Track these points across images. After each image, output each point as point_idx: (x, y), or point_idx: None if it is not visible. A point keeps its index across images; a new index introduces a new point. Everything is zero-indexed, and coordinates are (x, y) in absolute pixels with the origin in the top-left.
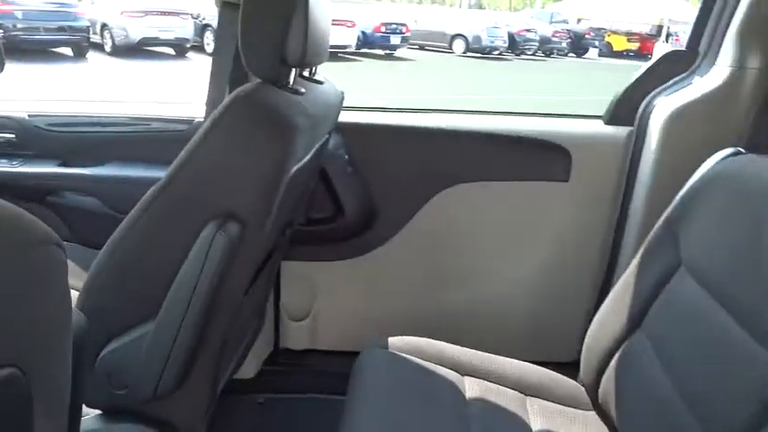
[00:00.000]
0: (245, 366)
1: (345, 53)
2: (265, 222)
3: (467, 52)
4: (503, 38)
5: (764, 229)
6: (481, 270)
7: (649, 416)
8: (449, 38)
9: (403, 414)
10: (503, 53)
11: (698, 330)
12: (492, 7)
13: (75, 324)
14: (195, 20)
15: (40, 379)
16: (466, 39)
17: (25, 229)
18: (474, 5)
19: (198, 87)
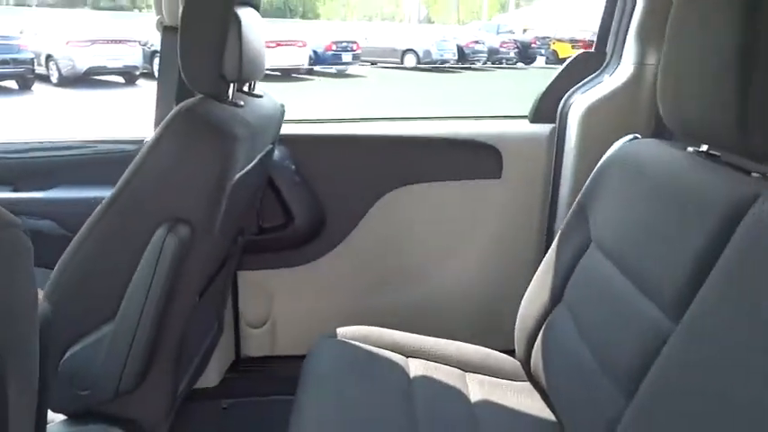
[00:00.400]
0: (207, 375)
1: (298, 73)
2: (213, 225)
3: (417, 66)
4: (452, 50)
5: (656, 203)
6: (427, 266)
7: (570, 378)
8: (399, 53)
9: (351, 393)
10: (453, 65)
11: (604, 296)
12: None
13: (41, 311)
14: (144, 47)
15: (13, 359)
16: (416, 53)
17: None
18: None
19: (147, 112)
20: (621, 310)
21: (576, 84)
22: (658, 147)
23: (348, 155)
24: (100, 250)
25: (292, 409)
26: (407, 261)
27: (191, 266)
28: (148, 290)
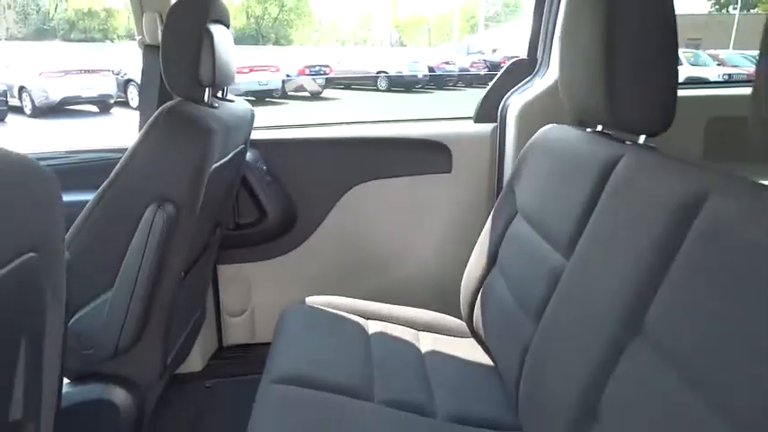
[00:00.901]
0: (192, 361)
1: (272, 97)
2: (195, 207)
3: (390, 88)
4: (423, 71)
5: (558, 172)
6: (388, 252)
7: (500, 324)
8: (372, 75)
9: (317, 343)
10: (425, 86)
11: (523, 251)
12: (413, 44)
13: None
14: (117, 76)
15: (49, 268)
16: (388, 75)
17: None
18: (395, 44)
19: (123, 135)
20: (533, 258)
21: (512, 87)
22: (566, 131)
23: (314, 156)
24: (100, 228)
25: (267, 356)
26: (371, 249)
27: (176, 242)
28: (141, 261)
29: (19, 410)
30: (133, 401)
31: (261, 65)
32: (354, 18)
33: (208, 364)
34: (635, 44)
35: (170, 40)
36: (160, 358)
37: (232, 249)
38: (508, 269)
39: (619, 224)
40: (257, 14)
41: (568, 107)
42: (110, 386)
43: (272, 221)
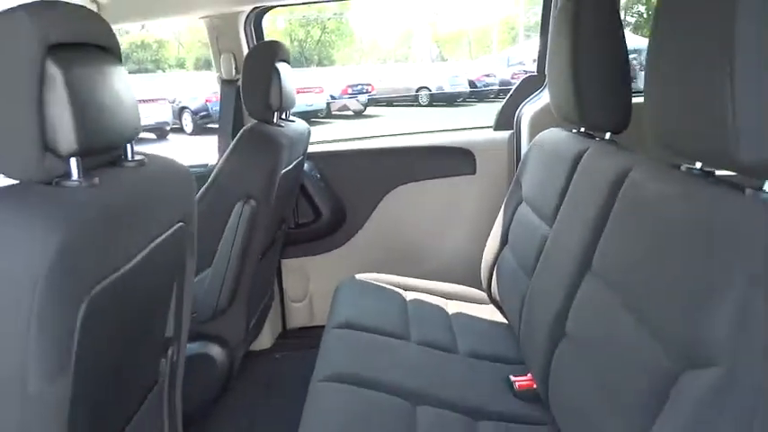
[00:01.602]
0: (262, 340)
1: (316, 117)
2: (270, 202)
3: (432, 103)
4: (464, 85)
5: (548, 165)
6: (423, 243)
7: (510, 289)
8: (413, 91)
9: (364, 306)
10: (466, 99)
11: (525, 230)
12: (454, 58)
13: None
14: (172, 104)
15: (189, 234)
16: (429, 90)
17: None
18: (436, 59)
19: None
20: (529, 231)
21: (525, 99)
22: (557, 133)
23: (359, 164)
24: (203, 219)
25: (328, 317)
26: (408, 241)
27: (257, 230)
28: (232, 244)
29: (170, 330)
30: (225, 356)
31: (305, 87)
32: (394, 36)
33: (275, 343)
34: (595, 61)
35: (249, 75)
36: (245, 322)
37: (293, 246)
38: (515, 245)
39: (578, 196)
40: (300, 38)
41: (556, 114)
42: (208, 343)
43: (325, 221)
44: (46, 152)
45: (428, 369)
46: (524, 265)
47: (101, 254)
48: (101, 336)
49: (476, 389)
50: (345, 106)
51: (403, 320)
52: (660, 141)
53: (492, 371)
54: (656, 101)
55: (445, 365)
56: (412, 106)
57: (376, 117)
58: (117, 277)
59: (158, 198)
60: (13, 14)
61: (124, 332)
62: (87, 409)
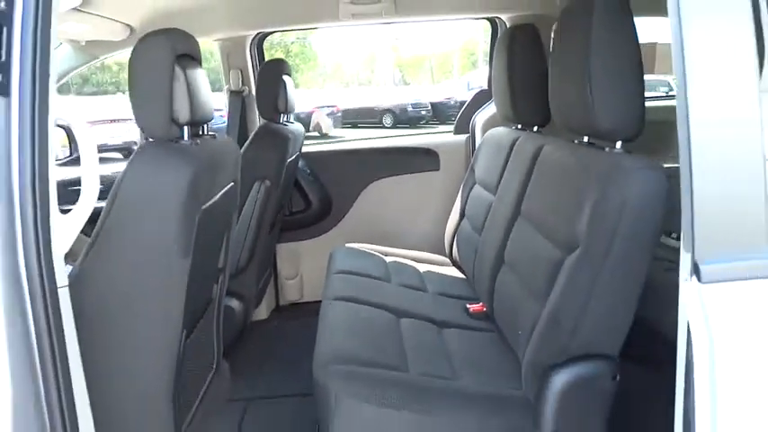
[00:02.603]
0: (260, 312)
1: None
2: (279, 184)
3: (396, 125)
4: (426, 107)
5: (492, 153)
6: (399, 229)
7: (467, 250)
8: (378, 114)
9: (353, 264)
10: (428, 121)
11: (478, 204)
12: (416, 83)
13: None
14: None
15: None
16: (393, 113)
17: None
18: (399, 83)
19: None
20: (480, 203)
21: (477, 109)
22: (501, 130)
23: (343, 162)
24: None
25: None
26: (385, 226)
27: (268, 207)
28: (250, 218)
29: (221, 263)
30: (242, 309)
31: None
32: (358, 60)
33: (270, 315)
34: (526, 75)
35: (262, 85)
36: (256, 282)
37: (287, 231)
38: (470, 216)
39: (512, 168)
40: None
41: (499, 115)
42: (230, 297)
43: (314, 210)
44: (171, 121)
45: (407, 299)
46: (476, 226)
47: (205, 186)
48: (200, 243)
49: (442, 312)
50: (318, 125)
51: (385, 271)
52: (563, 125)
53: (453, 303)
54: (556, 99)
55: (419, 298)
56: (376, 128)
57: (341, 139)
58: (209, 205)
59: (224, 161)
60: (157, 36)
61: (206, 249)
62: (191, 288)
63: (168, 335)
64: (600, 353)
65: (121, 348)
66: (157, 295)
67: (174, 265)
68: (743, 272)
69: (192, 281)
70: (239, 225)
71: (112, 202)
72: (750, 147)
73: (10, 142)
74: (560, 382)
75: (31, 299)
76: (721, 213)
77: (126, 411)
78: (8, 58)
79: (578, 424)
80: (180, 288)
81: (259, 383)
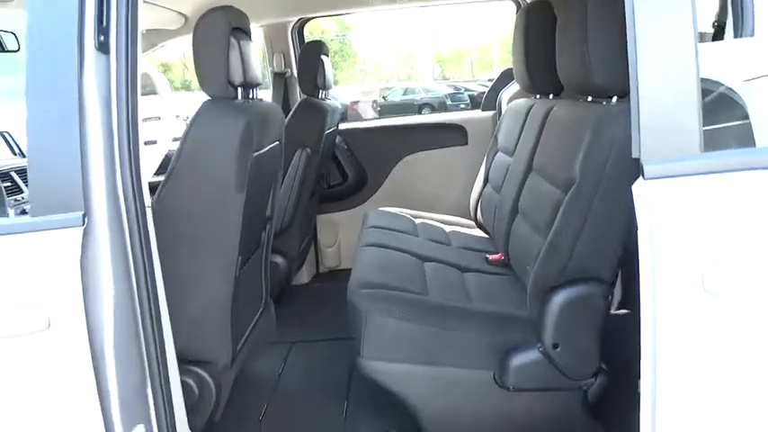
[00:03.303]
0: (301, 277)
1: None
2: (319, 151)
3: None
4: (465, 101)
5: (515, 120)
6: (428, 200)
7: (489, 210)
8: (417, 108)
9: (385, 221)
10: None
11: (499, 167)
12: (456, 77)
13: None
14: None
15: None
16: (432, 106)
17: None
18: (438, 78)
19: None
20: (501, 166)
21: (504, 86)
22: (520, 101)
23: (377, 138)
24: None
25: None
26: (416, 197)
27: (309, 173)
28: (293, 181)
29: (269, 212)
30: (285, 265)
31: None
32: (397, 56)
33: (311, 280)
34: (540, 51)
35: (303, 64)
36: (298, 241)
37: (325, 203)
38: (492, 180)
39: (527, 131)
40: None
41: (520, 85)
42: (275, 254)
43: (351, 183)
44: (228, 83)
45: (432, 248)
46: (496, 187)
47: (255, 137)
48: (251, 186)
49: (463, 260)
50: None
51: (413, 228)
52: (568, 87)
53: (475, 255)
54: (562, 64)
55: (444, 249)
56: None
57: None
58: (259, 154)
59: (271, 119)
60: (215, 12)
61: (256, 194)
62: (245, 223)
63: (227, 256)
64: (594, 276)
65: (189, 263)
66: (218, 222)
67: (231, 198)
68: (678, 170)
69: (246, 217)
70: (283, 189)
71: (182, 148)
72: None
73: (110, 90)
74: (559, 301)
75: (127, 216)
76: (663, 126)
77: (192, 316)
78: (107, 24)
79: (575, 337)
80: (236, 218)
81: (301, 332)
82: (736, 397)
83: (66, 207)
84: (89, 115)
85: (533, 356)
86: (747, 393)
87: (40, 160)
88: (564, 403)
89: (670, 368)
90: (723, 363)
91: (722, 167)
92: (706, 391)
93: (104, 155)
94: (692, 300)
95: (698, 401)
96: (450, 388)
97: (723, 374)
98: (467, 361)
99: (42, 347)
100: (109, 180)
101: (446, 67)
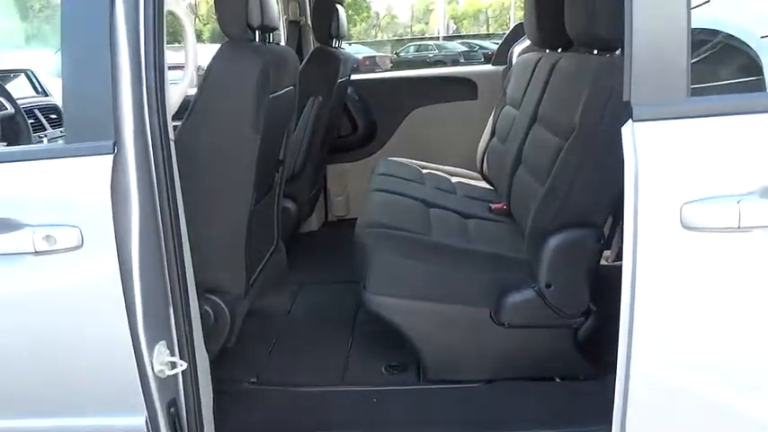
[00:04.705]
0: (311, 224)
1: None
2: (330, 99)
3: None
4: (479, 59)
5: (523, 73)
6: (439, 149)
7: (496, 163)
8: (430, 65)
9: (394, 170)
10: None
11: (506, 119)
12: (470, 35)
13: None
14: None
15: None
16: (445, 64)
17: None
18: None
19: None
20: (508, 119)
21: (515, 41)
22: (529, 54)
23: (388, 89)
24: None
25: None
26: (424, 151)
27: (320, 123)
28: (305, 127)
29: (282, 155)
30: (297, 209)
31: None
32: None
33: (320, 228)
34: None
35: (317, 11)
36: (309, 186)
37: (335, 153)
38: (499, 132)
39: (534, 83)
40: None
41: (529, 39)
42: (286, 199)
43: (360, 134)
44: (247, 25)
45: (437, 196)
46: (502, 139)
47: (272, 78)
48: (267, 126)
49: (467, 208)
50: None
51: (420, 177)
52: (575, 40)
53: (479, 204)
54: (569, 17)
55: (449, 198)
56: None
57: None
58: (274, 96)
59: (286, 63)
60: None
61: (271, 135)
62: (260, 162)
63: (242, 192)
64: (588, 221)
65: (207, 197)
66: (234, 159)
67: (247, 137)
68: (664, 113)
69: (261, 156)
70: (295, 134)
71: (202, 86)
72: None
73: (139, 29)
74: (554, 243)
75: (153, 146)
76: (652, 71)
77: (210, 245)
78: None
79: (567, 277)
80: (251, 156)
81: (310, 275)
82: (711, 331)
83: (98, 136)
84: (120, 51)
85: (528, 295)
86: (721, 327)
87: (74, 91)
88: (555, 339)
89: (648, 303)
90: (698, 297)
91: (705, 112)
92: (681, 325)
93: (132, 90)
94: (670, 235)
95: (673, 336)
96: (449, 324)
97: (698, 309)
98: (465, 298)
99: (76, 264)
100: (137, 112)
101: (461, 24)
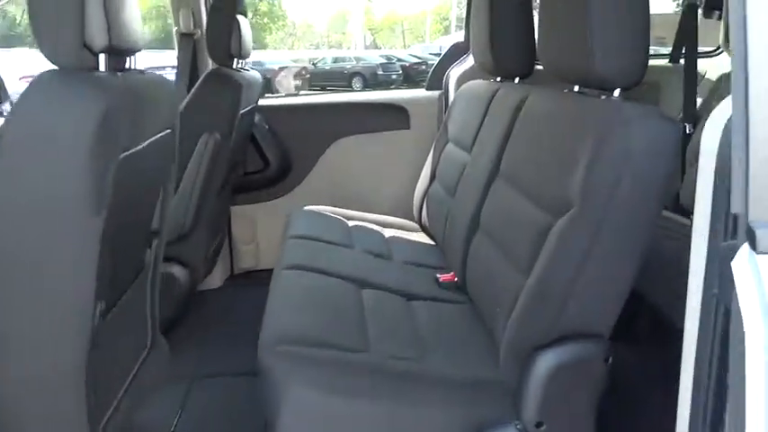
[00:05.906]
0: (212, 280)
1: None
2: (230, 138)
3: (365, 88)
4: (397, 71)
5: (473, 107)
6: (364, 193)
7: (437, 213)
8: (347, 76)
9: (312, 227)
10: (399, 86)
11: (451, 163)
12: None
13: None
14: None
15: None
16: (363, 76)
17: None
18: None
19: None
20: (453, 163)
21: (452, 63)
22: (479, 82)
23: (305, 117)
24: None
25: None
26: (349, 189)
27: (217, 166)
28: (195, 178)
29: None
30: (187, 277)
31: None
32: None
33: (224, 284)
34: (509, 21)
35: (213, 24)
36: (205, 248)
37: (242, 193)
38: (442, 177)
39: (490, 123)
40: None
41: (477, 65)
42: (172, 264)
43: (272, 170)
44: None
45: (370, 267)
46: (448, 188)
47: (125, 128)
48: (120, 199)
49: (409, 281)
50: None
51: (347, 237)
52: (553, 72)
53: (422, 272)
54: (547, 43)
55: (384, 266)
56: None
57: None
58: (132, 153)
59: (156, 100)
60: None
61: (130, 207)
62: (107, 251)
63: (74, 305)
64: (591, 332)
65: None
66: (57, 261)
67: (81, 223)
68: None
69: (112, 245)
70: (183, 183)
71: (3, 143)
72: None
73: None
74: (545, 365)
75: None
76: None
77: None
78: None
79: (566, 413)
80: (91, 252)
81: (206, 360)
82: None
83: None
84: None
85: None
86: None
87: None
88: None
89: None
90: None
91: None
92: None
93: None
94: None
95: None
96: None
97: None
98: None
99: None
100: None
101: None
